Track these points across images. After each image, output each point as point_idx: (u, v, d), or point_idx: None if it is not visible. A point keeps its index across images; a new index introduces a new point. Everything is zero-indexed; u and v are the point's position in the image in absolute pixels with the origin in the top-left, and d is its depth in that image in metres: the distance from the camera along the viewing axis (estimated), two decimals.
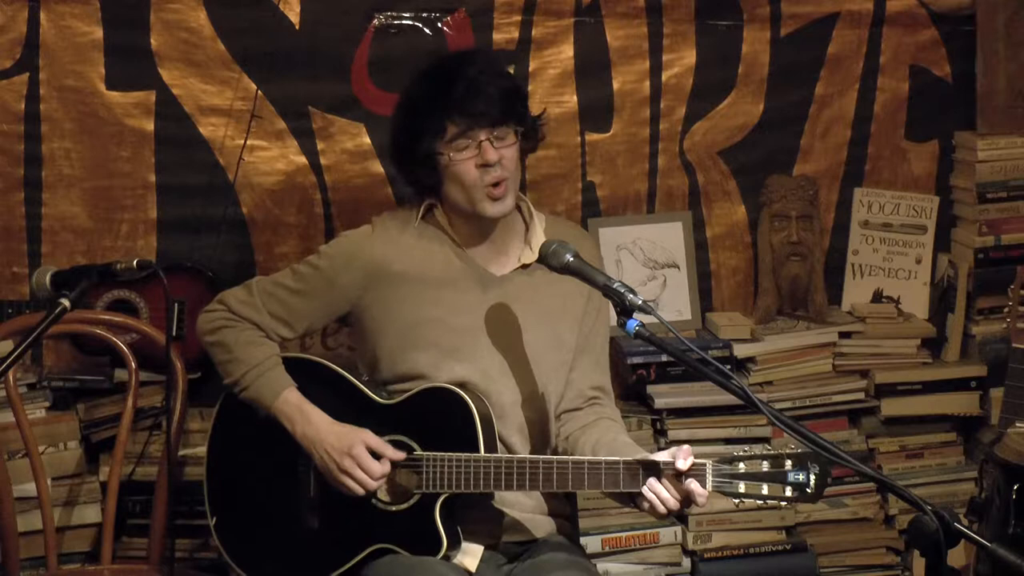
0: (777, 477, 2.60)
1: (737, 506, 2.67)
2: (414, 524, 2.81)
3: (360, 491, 2.82)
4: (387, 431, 2.86)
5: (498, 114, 2.85)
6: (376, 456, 2.83)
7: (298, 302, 2.97)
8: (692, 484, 2.63)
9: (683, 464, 2.62)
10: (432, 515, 2.79)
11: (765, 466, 2.60)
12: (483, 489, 2.77)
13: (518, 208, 3.00)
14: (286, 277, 3.01)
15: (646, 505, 2.69)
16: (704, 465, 2.63)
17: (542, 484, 2.75)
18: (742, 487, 2.61)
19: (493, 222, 2.92)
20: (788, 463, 2.59)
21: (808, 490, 2.59)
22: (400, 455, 2.82)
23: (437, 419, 2.83)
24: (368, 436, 2.84)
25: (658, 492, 2.65)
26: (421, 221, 2.99)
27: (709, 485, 2.63)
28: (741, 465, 2.61)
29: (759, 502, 2.63)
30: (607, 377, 3.06)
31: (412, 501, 2.83)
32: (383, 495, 2.86)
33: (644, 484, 2.66)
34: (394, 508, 2.84)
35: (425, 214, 2.99)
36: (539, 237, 2.94)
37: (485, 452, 2.78)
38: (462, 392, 2.83)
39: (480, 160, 2.84)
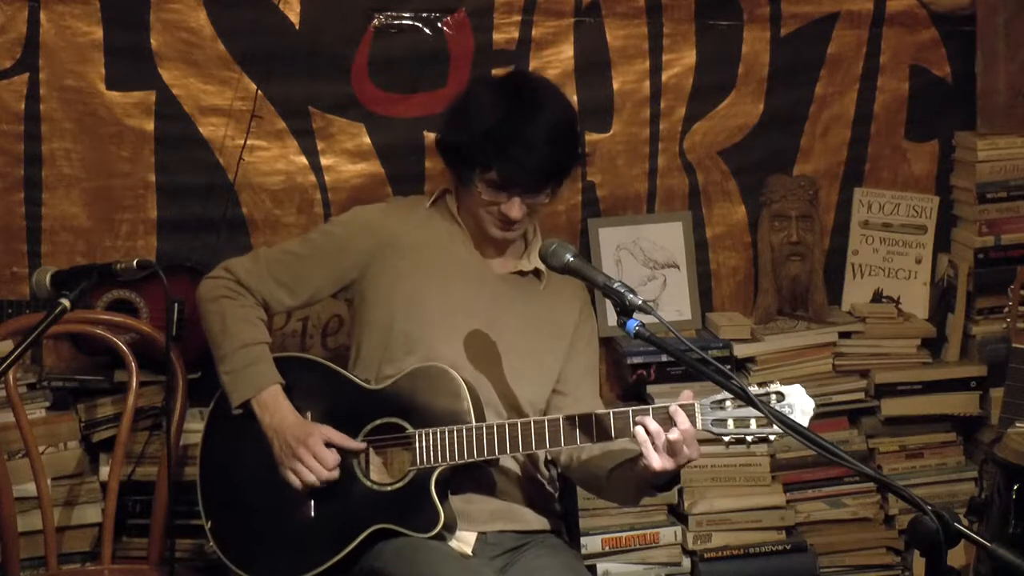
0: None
1: (727, 446, 2.68)
2: (410, 501, 2.83)
3: (311, 479, 2.84)
4: (378, 415, 2.88)
5: (543, 184, 2.89)
6: (342, 451, 2.86)
7: (306, 267, 3.01)
8: (675, 411, 2.63)
9: (674, 406, 2.65)
10: (428, 490, 2.81)
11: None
12: (477, 456, 2.80)
13: None
14: (295, 244, 3.07)
15: (642, 463, 2.67)
16: (692, 406, 2.66)
17: (535, 443, 2.78)
18: (731, 424, 2.64)
19: None
20: (774, 399, 2.62)
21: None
22: (360, 445, 2.86)
23: (425, 396, 2.86)
24: (329, 431, 2.87)
25: (647, 424, 2.64)
26: (433, 205, 3.04)
27: (699, 424, 2.65)
28: (728, 403, 2.65)
29: (749, 439, 2.65)
30: (599, 400, 3.10)
31: (407, 479, 2.84)
32: (377, 476, 2.88)
33: (634, 427, 2.67)
34: (388, 488, 2.86)
35: (437, 200, 3.04)
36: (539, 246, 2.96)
37: (476, 421, 2.81)
38: (446, 366, 2.86)
39: (506, 209, 2.88)
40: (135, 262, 2.85)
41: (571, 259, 2.74)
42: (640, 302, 2.59)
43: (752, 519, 3.71)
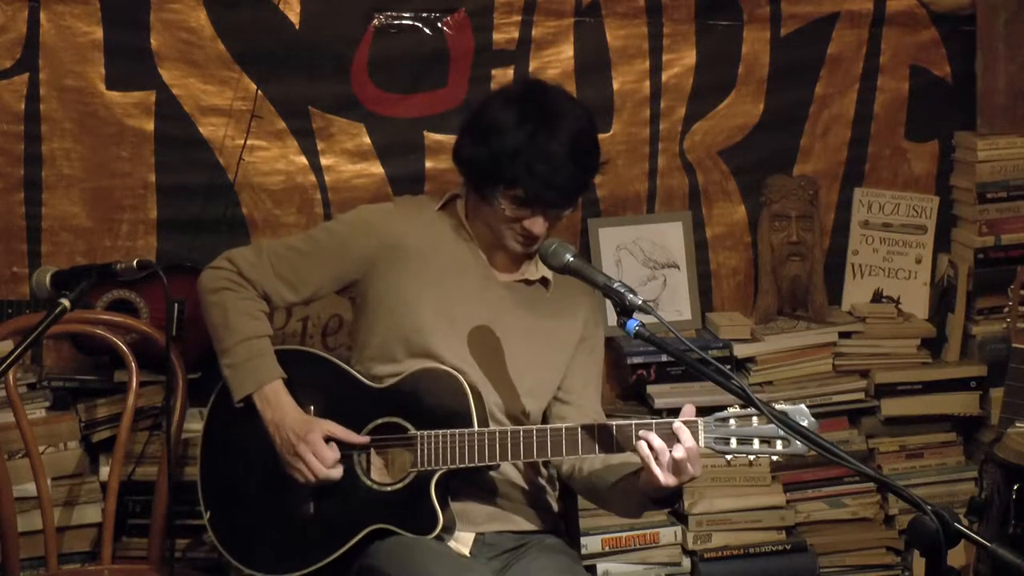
0: (767, 432, 2.63)
1: (729, 463, 2.69)
2: (409, 502, 2.83)
3: (310, 476, 2.84)
4: (380, 414, 2.88)
5: (569, 200, 2.90)
6: (343, 446, 2.86)
7: (307, 264, 2.99)
8: (679, 428, 2.63)
9: (678, 422, 2.65)
10: (428, 492, 2.81)
11: (755, 422, 2.64)
12: (478, 462, 2.79)
13: None
14: (299, 241, 3.05)
15: (644, 477, 2.68)
16: (696, 423, 2.66)
17: (537, 452, 2.78)
18: (734, 443, 2.65)
19: None
20: None
21: (798, 442, 2.60)
22: (363, 439, 2.85)
23: (429, 398, 2.86)
24: (331, 426, 2.86)
25: (650, 440, 2.64)
26: (440, 209, 3.02)
27: (701, 441, 2.65)
28: (732, 422, 2.65)
29: (751, 457, 2.66)
30: (600, 409, 3.10)
31: (407, 480, 2.84)
32: (378, 476, 2.87)
33: (637, 442, 2.67)
34: (389, 488, 2.85)
35: (446, 204, 3.03)
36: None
37: (479, 426, 2.81)
38: (452, 370, 2.86)
39: (529, 225, 2.87)
40: (135, 262, 2.85)
41: (571, 259, 2.74)
42: (640, 302, 2.59)
43: (752, 519, 3.70)
